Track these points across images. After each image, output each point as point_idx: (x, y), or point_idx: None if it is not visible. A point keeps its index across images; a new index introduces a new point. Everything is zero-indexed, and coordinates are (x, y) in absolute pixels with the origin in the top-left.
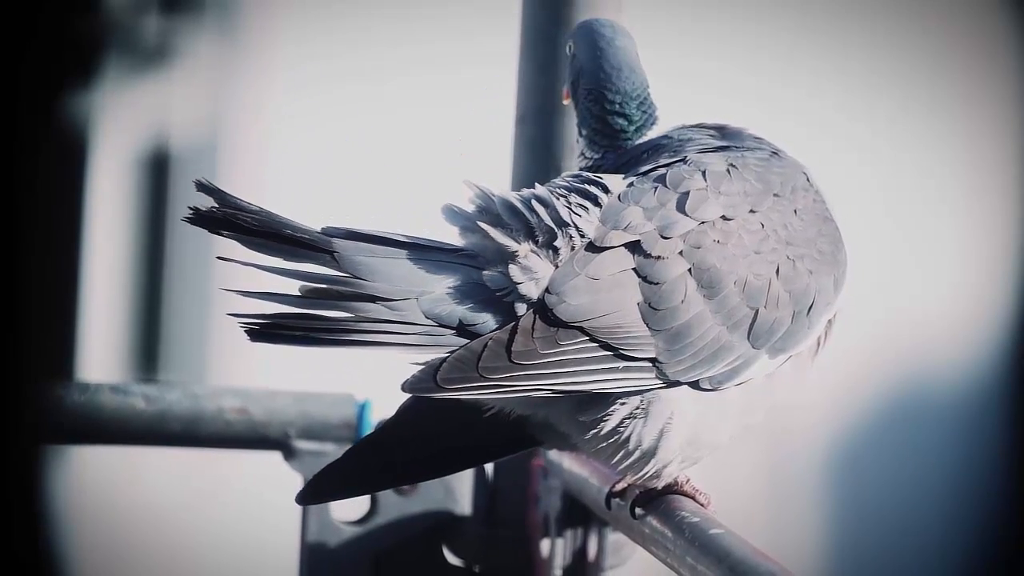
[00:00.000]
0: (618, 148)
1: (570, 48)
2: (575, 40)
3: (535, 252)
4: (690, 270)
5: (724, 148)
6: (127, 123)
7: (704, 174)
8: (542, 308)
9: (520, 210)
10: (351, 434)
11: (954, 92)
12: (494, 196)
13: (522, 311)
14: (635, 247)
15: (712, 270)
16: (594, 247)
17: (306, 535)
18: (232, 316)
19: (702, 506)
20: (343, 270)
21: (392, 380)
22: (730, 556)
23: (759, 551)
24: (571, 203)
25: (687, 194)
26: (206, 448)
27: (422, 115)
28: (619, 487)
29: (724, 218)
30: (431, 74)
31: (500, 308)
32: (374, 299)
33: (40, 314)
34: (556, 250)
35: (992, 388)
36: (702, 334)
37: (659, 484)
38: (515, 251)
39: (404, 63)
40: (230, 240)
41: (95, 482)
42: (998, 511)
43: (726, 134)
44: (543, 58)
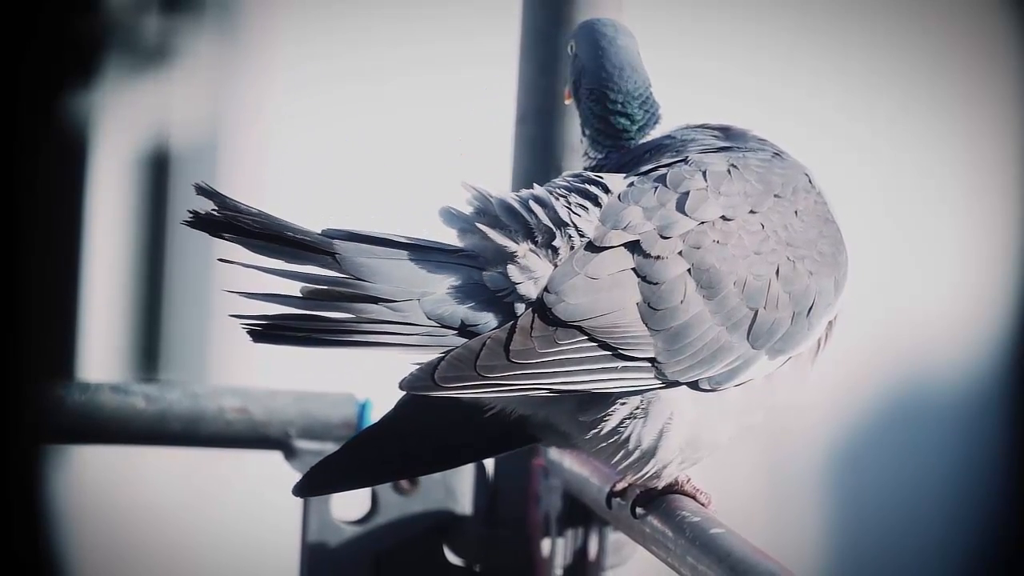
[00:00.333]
0: (621, 147)
1: (572, 48)
2: (577, 40)
3: (534, 252)
4: (689, 270)
5: (726, 149)
6: (127, 123)
7: (704, 174)
8: (541, 307)
9: (518, 211)
10: (352, 434)
11: (954, 92)
12: (492, 197)
13: (522, 311)
14: (635, 247)
15: (712, 270)
16: (594, 247)
17: (307, 534)
18: (234, 317)
19: (703, 506)
20: (345, 271)
21: (392, 380)
22: (731, 556)
23: (760, 551)
24: (570, 203)
25: (687, 194)
26: (206, 448)
27: (422, 115)
28: (620, 487)
29: (724, 218)
30: (431, 74)
31: (501, 308)
32: (376, 300)
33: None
34: (555, 250)
35: (992, 388)
36: (701, 334)
37: (659, 484)
38: (513, 251)
39: (404, 63)
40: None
41: (95, 482)
42: (998, 511)
43: (730, 135)
44: (543, 58)
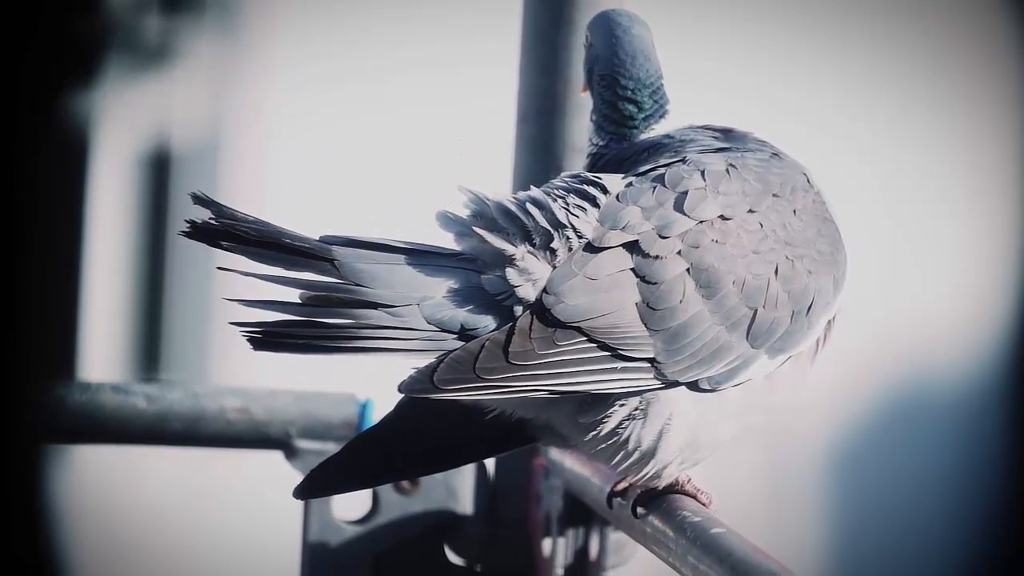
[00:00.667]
0: (623, 136)
1: (587, 38)
2: (592, 29)
3: (532, 254)
4: (688, 270)
5: (724, 149)
6: (127, 123)
7: (703, 174)
8: (540, 309)
9: (515, 213)
10: (352, 434)
11: (954, 92)
12: (488, 200)
13: (521, 313)
14: (633, 247)
15: (710, 270)
16: (592, 247)
17: (307, 534)
18: (234, 325)
19: (703, 505)
20: (344, 277)
21: (393, 379)
22: (732, 555)
23: (760, 550)
24: (568, 204)
25: (685, 193)
26: (207, 448)
27: (422, 115)
28: (620, 486)
29: (722, 218)
30: (431, 74)
31: (500, 311)
32: (376, 306)
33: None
34: (553, 251)
35: (992, 388)
36: (700, 334)
37: (660, 484)
38: (511, 254)
39: (404, 63)
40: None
41: (95, 482)
42: (998, 511)
43: (731, 137)
44: (544, 58)
